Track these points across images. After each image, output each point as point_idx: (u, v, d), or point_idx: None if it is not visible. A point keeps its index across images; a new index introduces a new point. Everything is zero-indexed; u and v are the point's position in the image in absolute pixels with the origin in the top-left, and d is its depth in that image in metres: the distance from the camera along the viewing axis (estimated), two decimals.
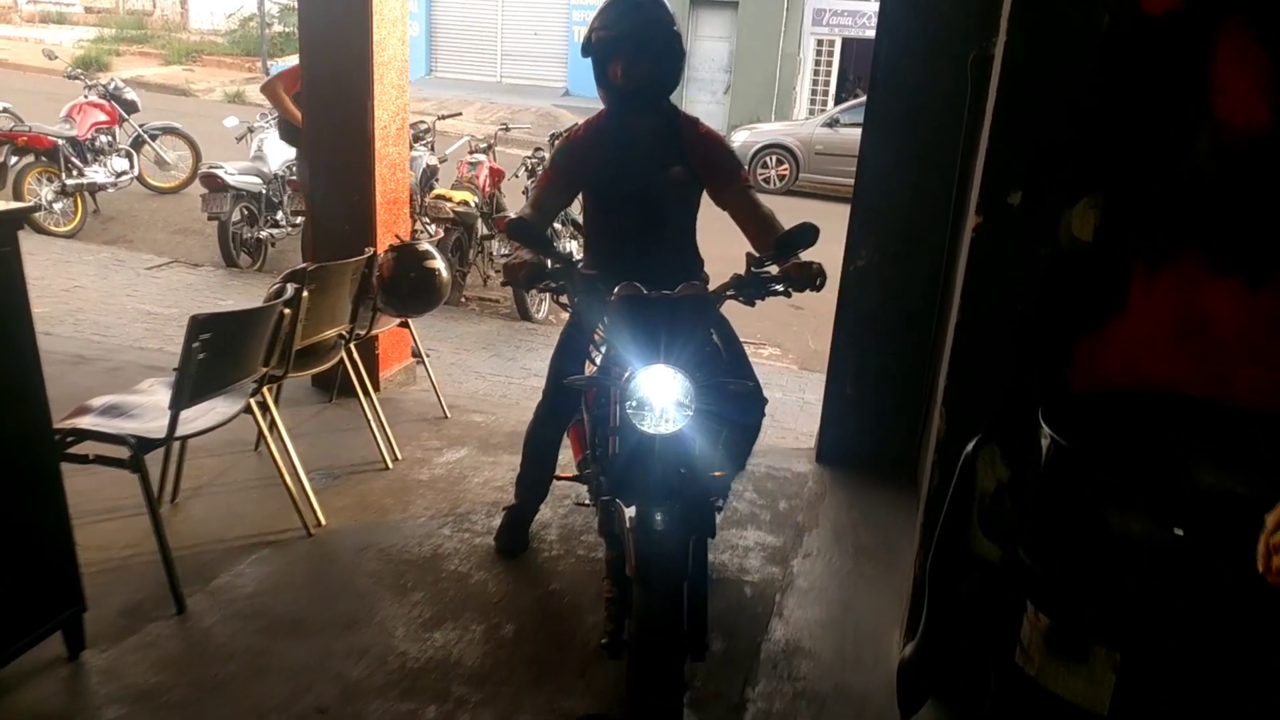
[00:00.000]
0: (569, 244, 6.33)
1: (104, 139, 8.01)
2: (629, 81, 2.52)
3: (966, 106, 3.25)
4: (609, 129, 2.66)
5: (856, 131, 13.89)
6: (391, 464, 3.58)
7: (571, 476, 2.91)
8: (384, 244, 3.83)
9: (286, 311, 2.85)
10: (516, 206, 7.45)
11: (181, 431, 2.61)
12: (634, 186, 2.63)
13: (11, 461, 2.13)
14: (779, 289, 2.28)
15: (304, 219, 5.59)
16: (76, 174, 7.61)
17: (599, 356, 2.63)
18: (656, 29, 2.50)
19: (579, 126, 2.76)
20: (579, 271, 2.34)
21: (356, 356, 3.63)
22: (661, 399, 2.05)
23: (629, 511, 2.04)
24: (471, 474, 3.57)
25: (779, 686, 2.47)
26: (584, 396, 2.59)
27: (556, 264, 2.30)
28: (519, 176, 7.35)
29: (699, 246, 2.82)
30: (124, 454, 2.50)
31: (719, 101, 17.93)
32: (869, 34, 17.93)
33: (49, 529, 2.23)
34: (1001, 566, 2.09)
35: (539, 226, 2.54)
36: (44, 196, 7.40)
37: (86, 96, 8.14)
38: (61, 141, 7.52)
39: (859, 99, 14.33)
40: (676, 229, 2.73)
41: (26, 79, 15.31)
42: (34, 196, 7.29)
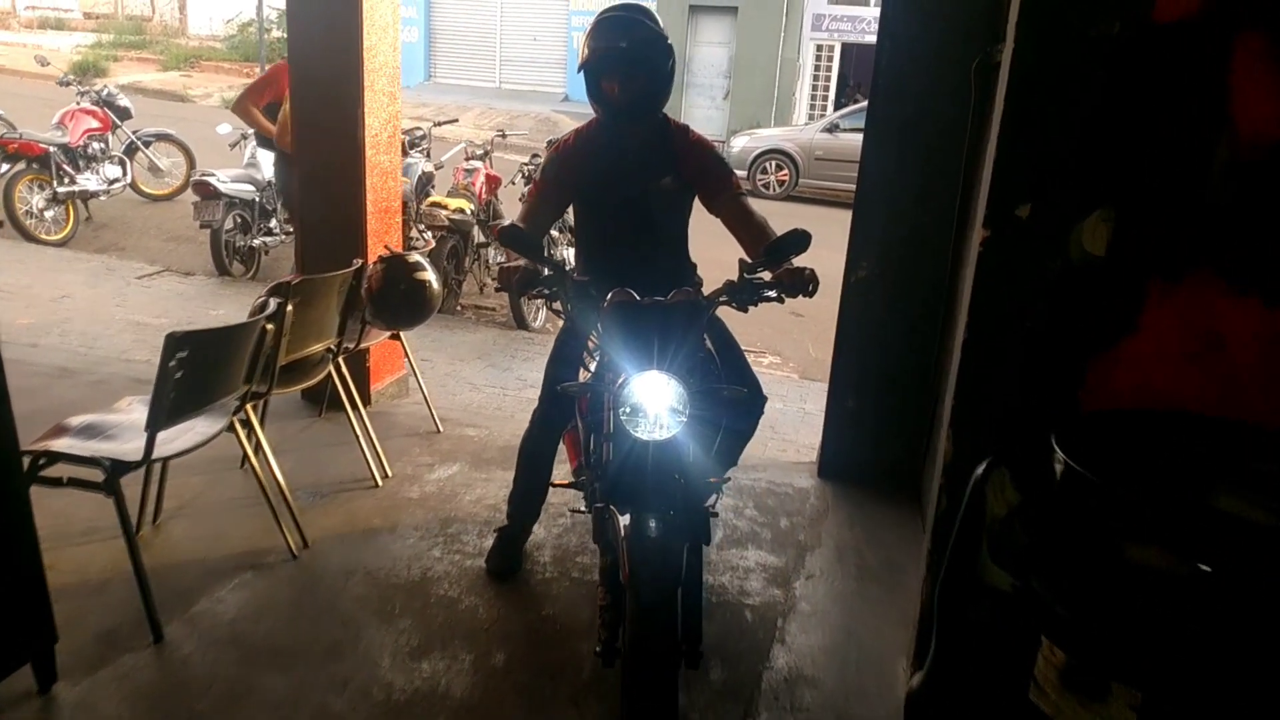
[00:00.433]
0: (565, 251, 6.25)
1: (97, 146, 7.92)
2: (623, 97, 2.51)
3: (971, 114, 3.17)
4: (600, 138, 2.66)
5: (856, 137, 13.86)
6: (381, 481, 3.48)
7: (567, 483, 2.90)
8: (374, 256, 3.74)
9: (270, 326, 2.76)
10: (514, 213, 7.37)
11: (159, 453, 2.52)
12: (626, 195, 2.63)
13: None
14: (772, 295, 2.28)
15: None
16: (68, 181, 7.52)
17: (594, 363, 2.63)
18: (649, 47, 2.51)
19: (569, 135, 2.76)
20: (572, 278, 2.33)
21: (345, 370, 3.53)
22: (655, 405, 2.06)
23: (623, 518, 2.04)
24: (463, 491, 3.47)
25: (781, 718, 2.37)
26: (578, 403, 2.56)
27: (549, 271, 2.30)
28: (516, 183, 7.26)
29: (691, 253, 2.81)
30: (100, 477, 2.41)
31: (718, 107, 17.87)
32: (868, 39, 18.09)
33: (15, 558, 2.14)
34: (1013, 596, 1.99)
35: (531, 234, 2.52)
36: (35, 204, 7.32)
37: (79, 103, 8.07)
38: (53, 148, 7.43)
39: (859, 104, 14.30)
40: (669, 236, 2.73)
41: (20, 85, 15.24)
42: (24, 204, 7.22)
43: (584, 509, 2.64)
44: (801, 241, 2.23)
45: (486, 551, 2.99)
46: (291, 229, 5.93)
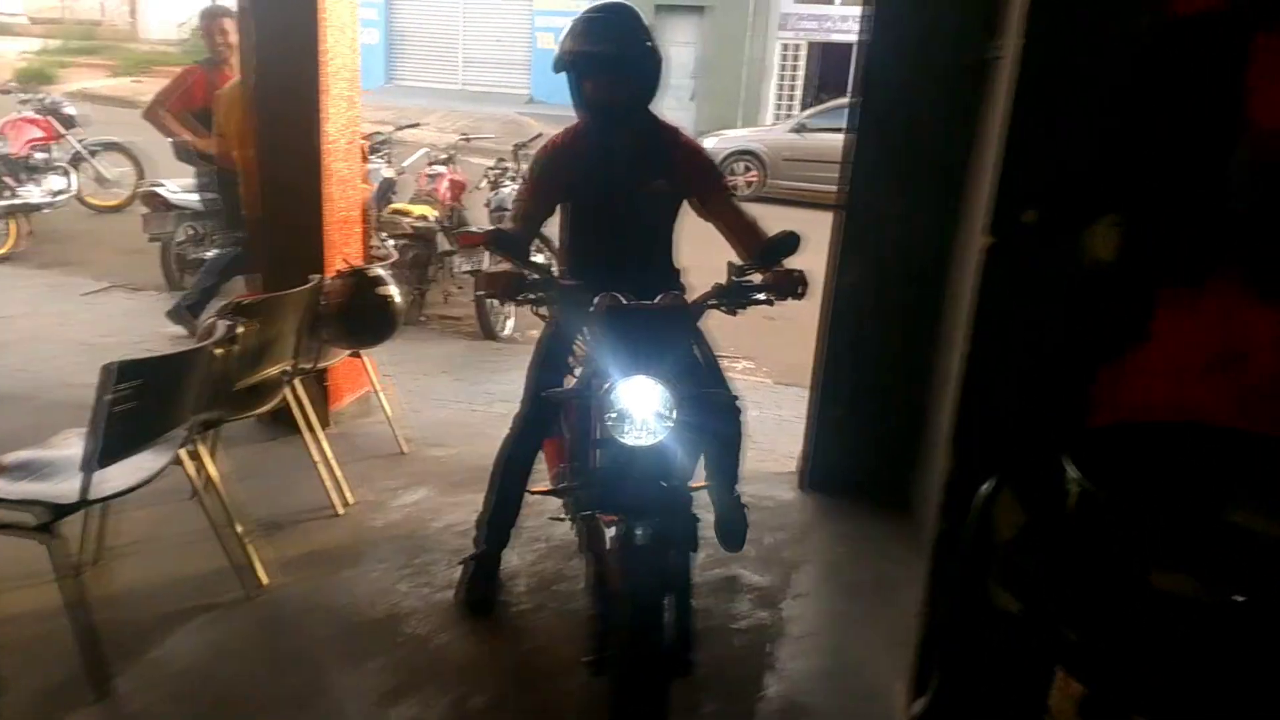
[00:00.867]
0: (538, 258, 6.08)
1: (40, 156, 7.60)
2: (604, 100, 2.47)
3: (964, 113, 3.05)
4: (590, 137, 2.60)
5: (825, 137, 13.73)
6: (343, 509, 3.29)
7: (546, 490, 2.84)
8: (334, 268, 3.55)
9: (221, 351, 2.57)
10: (480, 219, 7.19)
11: (98, 493, 2.32)
12: (615, 197, 2.60)
13: None
14: (762, 298, 2.27)
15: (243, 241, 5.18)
16: (9, 194, 7.19)
17: (580, 369, 2.59)
18: (630, 47, 2.44)
19: (559, 135, 2.68)
20: (559, 282, 2.31)
21: (303, 392, 3.33)
22: (642, 410, 2.05)
23: (609, 527, 2.04)
24: (432, 518, 3.29)
25: None
26: (565, 409, 2.52)
27: (536, 275, 2.28)
28: (481, 188, 7.07)
29: (677, 258, 2.77)
30: (33, 521, 2.21)
31: (685, 107, 17.74)
32: (835, 38, 18.10)
33: None
34: (1024, 622, 1.87)
35: (520, 238, 2.46)
36: None
37: (21, 112, 7.75)
38: None
39: (826, 104, 14.28)
40: (657, 240, 2.70)
41: None
42: None
43: (565, 516, 2.63)
44: (792, 243, 2.25)
45: (457, 583, 2.81)
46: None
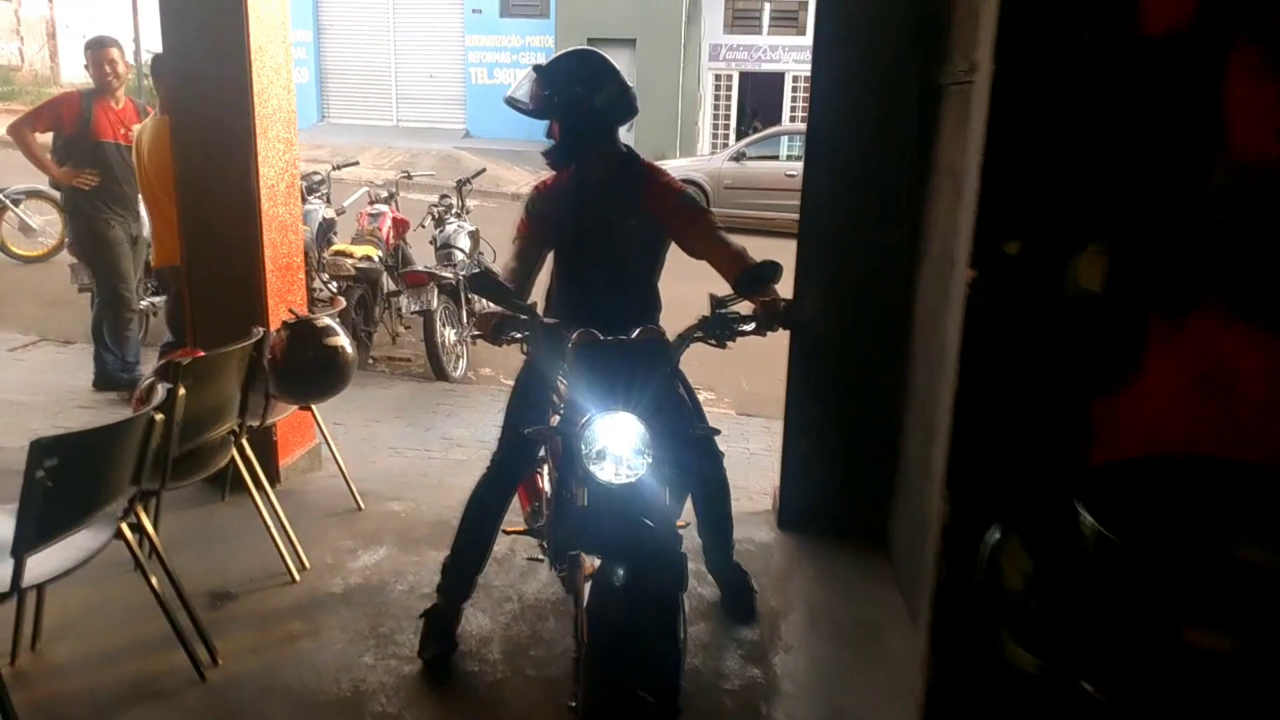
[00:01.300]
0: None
1: None
2: (564, 141, 2.54)
3: (913, 139, 3.03)
4: (575, 174, 2.65)
5: (764, 165, 13.97)
6: (298, 574, 3.08)
7: (520, 530, 2.84)
8: (277, 319, 3.37)
9: (159, 417, 2.38)
10: (424, 257, 7.02)
11: (33, 579, 2.11)
12: (586, 227, 2.61)
13: None
14: (748, 329, 2.25)
15: (170, 293, 4.91)
16: None
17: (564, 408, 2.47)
18: (581, 93, 2.49)
19: (550, 176, 2.72)
20: (542, 321, 2.29)
21: (249, 450, 3.14)
22: (619, 446, 2.00)
23: (587, 568, 1.98)
24: (393, 580, 3.10)
25: None
26: (550, 446, 2.46)
27: (521, 314, 2.28)
28: (426, 225, 6.91)
29: (655, 294, 2.78)
30: None
31: (624, 138, 17.77)
32: (765, 67, 18.36)
33: None
34: (1041, 679, 1.77)
35: (502, 280, 2.37)
36: None
37: None
38: None
39: (762, 132, 14.52)
40: (634, 275, 2.69)
41: None
42: None
43: (542, 557, 2.63)
44: (772, 271, 2.25)
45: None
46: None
